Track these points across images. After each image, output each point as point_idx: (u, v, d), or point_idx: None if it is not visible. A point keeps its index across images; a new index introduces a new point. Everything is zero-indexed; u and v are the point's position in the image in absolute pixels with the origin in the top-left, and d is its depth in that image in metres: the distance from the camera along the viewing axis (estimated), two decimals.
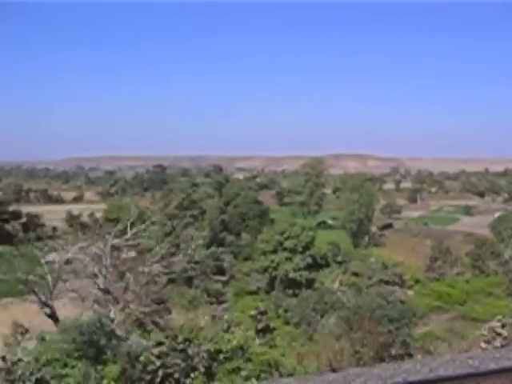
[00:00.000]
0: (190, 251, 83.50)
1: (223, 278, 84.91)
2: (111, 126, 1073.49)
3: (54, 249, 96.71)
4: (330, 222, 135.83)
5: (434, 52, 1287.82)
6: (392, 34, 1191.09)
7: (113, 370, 15.33)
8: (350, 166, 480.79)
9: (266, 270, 77.18)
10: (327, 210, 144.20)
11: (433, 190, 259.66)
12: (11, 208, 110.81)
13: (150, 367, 14.73)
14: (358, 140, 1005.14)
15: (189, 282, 77.85)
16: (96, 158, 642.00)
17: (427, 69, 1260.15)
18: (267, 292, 74.61)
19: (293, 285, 75.16)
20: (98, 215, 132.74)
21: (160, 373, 14.65)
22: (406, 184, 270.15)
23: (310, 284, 74.71)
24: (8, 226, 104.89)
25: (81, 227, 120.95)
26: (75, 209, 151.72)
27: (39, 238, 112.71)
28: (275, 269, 76.42)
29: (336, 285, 77.79)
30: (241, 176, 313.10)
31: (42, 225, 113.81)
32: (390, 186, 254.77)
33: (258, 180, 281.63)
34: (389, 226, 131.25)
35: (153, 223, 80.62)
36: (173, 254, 68.32)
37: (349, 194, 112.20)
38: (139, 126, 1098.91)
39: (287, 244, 77.48)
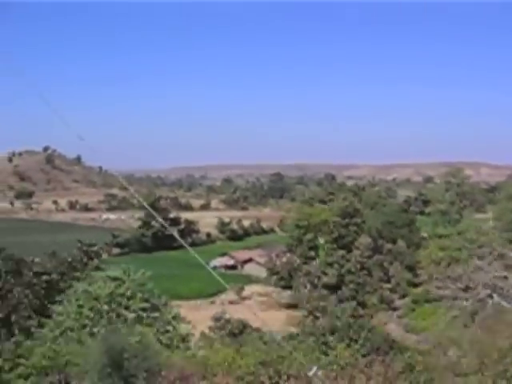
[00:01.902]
0: (359, 259, 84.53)
1: (388, 286, 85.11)
2: (218, 136, 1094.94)
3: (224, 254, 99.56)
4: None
5: None
6: None
7: None
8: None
9: None
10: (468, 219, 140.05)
11: None
12: (171, 215, 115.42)
13: None
14: (468, 148, 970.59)
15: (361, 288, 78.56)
16: (203, 167, 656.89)
17: None
18: None
19: None
20: (246, 223, 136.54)
21: None
22: None
23: None
24: (167, 232, 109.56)
25: (232, 233, 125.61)
26: (209, 216, 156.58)
27: (194, 244, 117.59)
28: None
29: None
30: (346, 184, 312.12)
31: (198, 231, 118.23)
32: None
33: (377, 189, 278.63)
34: None
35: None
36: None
37: (505, 202, 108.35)
38: (247, 135, 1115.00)
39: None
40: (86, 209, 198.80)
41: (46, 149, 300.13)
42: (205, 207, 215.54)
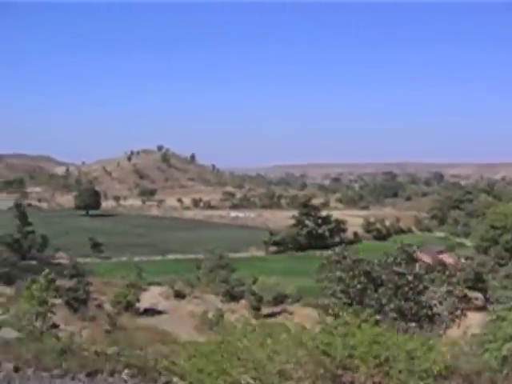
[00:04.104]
0: None
1: None
2: (317, 135, 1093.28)
3: None
4: None
5: None
6: None
7: None
8: None
9: None
10: None
11: None
12: (323, 213, 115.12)
13: None
14: None
15: None
16: (302, 165, 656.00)
17: None
18: None
19: None
20: (388, 223, 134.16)
21: None
22: None
23: None
24: (320, 230, 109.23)
25: (377, 233, 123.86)
26: (338, 215, 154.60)
27: (340, 243, 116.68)
28: None
29: None
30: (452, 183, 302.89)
31: (345, 230, 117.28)
32: None
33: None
34: None
35: None
36: None
37: None
38: (346, 134, 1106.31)
39: None
40: (209, 206, 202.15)
41: (160, 148, 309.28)
42: (324, 206, 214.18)
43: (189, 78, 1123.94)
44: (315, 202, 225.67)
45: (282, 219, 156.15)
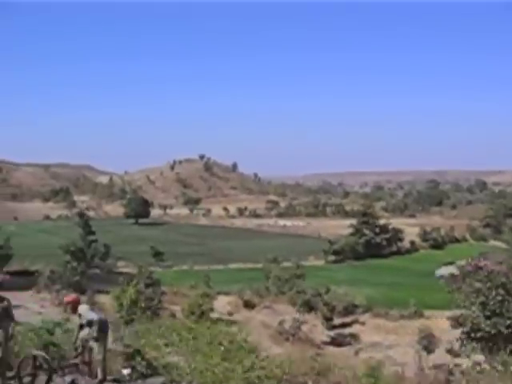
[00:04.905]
0: None
1: None
2: (353, 143, 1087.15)
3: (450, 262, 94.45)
4: None
5: None
6: None
7: None
8: None
9: None
10: None
11: None
12: (381, 222, 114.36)
13: None
14: None
15: None
16: (338, 173, 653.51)
17: None
18: None
19: None
20: (442, 232, 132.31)
21: None
22: None
23: None
24: (378, 239, 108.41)
25: (434, 242, 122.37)
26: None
27: (398, 252, 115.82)
28: None
29: None
30: (496, 191, 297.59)
31: (402, 239, 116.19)
32: None
33: None
34: None
35: None
36: None
37: None
38: (382, 142, 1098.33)
39: None
40: (255, 215, 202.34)
41: (201, 157, 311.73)
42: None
43: (225, 87, 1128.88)
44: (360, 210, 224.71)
45: (332, 228, 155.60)
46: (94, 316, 12.49)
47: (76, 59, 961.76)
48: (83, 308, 12.77)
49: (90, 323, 12.29)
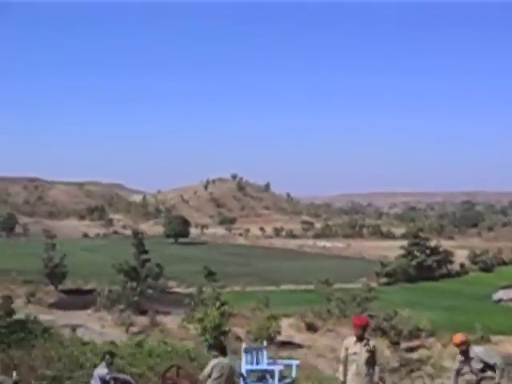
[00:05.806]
0: None
1: None
2: (382, 163, 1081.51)
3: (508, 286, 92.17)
4: None
5: None
6: None
7: None
8: None
9: None
10: None
11: None
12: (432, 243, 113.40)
13: None
14: None
15: None
16: (367, 194, 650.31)
17: None
18: None
19: None
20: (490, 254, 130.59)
21: None
22: None
23: None
24: (429, 261, 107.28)
25: (483, 264, 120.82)
26: None
27: (449, 275, 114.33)
28: None
29: None
30: None
31: (452, 261, 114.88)
32: None
33: None
34: None
35: None
36: None
37: None
38: (411, 163, 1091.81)
39: None
40: (292, 236, 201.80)
41: (234, 176, 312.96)
42: (406, 236, 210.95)
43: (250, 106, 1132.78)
44: (397, 232, 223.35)
45: (371, 249, 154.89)
46: None
47: (107, 75, 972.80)
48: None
49: None
